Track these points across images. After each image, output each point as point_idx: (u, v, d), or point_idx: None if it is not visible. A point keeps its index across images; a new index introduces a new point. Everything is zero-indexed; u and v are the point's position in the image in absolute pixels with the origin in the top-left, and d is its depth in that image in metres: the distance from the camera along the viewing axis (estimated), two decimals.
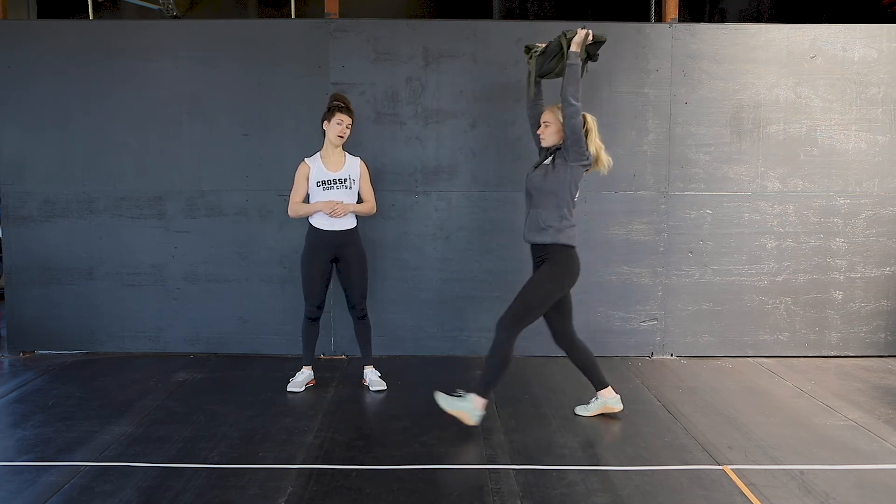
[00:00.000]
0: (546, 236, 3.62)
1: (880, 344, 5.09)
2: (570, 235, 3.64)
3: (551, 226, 3.61)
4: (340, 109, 4.16)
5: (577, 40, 3.58)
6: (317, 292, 4.25)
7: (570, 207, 3.64)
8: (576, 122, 3.51)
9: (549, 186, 3.62)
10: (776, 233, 5.01)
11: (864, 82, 4.93)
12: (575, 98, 3.50)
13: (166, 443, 3.46)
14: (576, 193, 3.65)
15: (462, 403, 3.58)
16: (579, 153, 3.57)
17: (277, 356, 5.01)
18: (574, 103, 3.49)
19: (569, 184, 3.60)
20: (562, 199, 3.61)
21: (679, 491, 2.99)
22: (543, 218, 3.62)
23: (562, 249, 3.62)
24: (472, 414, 3.57)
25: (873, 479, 3.09)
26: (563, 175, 3.60)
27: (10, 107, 4.92)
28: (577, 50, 3.58)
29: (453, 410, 3.58)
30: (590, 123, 3.66)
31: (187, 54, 4.89)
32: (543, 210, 3.63)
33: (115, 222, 4.99)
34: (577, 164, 3.59)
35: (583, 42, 3.59)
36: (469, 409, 3.57)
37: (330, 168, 4.20)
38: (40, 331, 5.07)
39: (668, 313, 5.06)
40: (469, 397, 3.59)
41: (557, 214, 3.61)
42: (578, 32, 3.59)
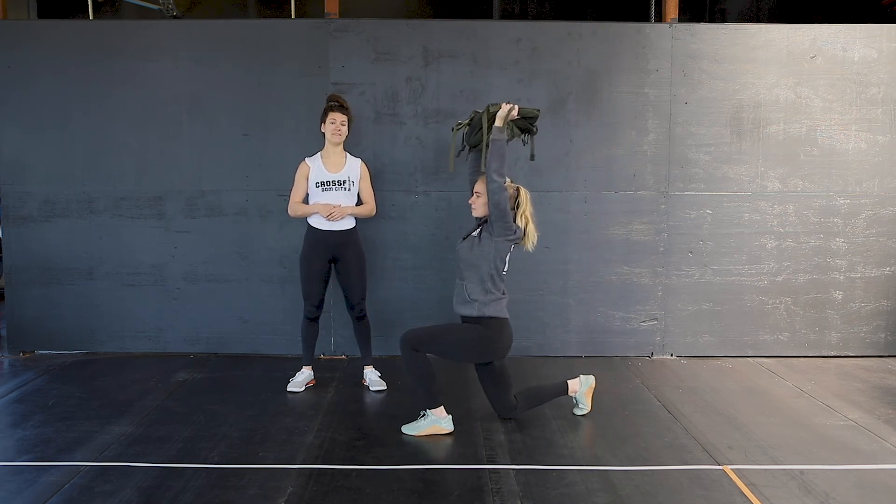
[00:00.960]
0: (472, 309, 3.58)
1: (880, 344, 5.09)
2: (497, 308, 3.58)
3: (476, 299, 3.56)
4: (332, 108, 4.16)
5: (500, 115, 3.52)
6: (315, 292, 4.25)
7: (497, 280, 3.57)
8: (499, 197, 3.45)
9: (473, 259, 3.57)
10: (776, 233, 5.01)
11: (864, 82, 4.93)
12: (498, 174, 3.43)
13: (166, 443, 3.45)
14: (503, 267, 3.59)
15: (426, 421, 3.59)
16: (505, 228, 3.51)
17: (277, 356, 5.01)
18: (496, 179, 3.43)
19: (493, 257, 3.54)
20: (485, 272, 3.55)
21: (679, 491, 2.99)
22: (469, 290, 3.58)
23: (490, 322, 3.57)
24: (442, 423, 3.59)
25: (873, 479, 3.09)
26: (487, 248, 3.54)
27: (10, 107, 4.92)
28: (500, 125, 3.52)
29: (425, 431, 3.57)
30: (522, 197, 3.59)
31: (187, 54, 4.89)
32: (469, 283, 3.59)
33: (115, 222, 4.99)
34: (503, 239, 3.54)
35: (505, 117, 3.53)
36: (436, 421, 3.58)
37: (329, 169, 4.20)
38: (40, 331, 5.07)
39: (668, 313, 5.06)
40: (427, 413, 3.60)
41: (481, 288, 3.55)
42: (502, 107, 3.53)
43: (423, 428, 3.58)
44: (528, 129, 3.79)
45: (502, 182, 3.46)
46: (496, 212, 3.49)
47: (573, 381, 3.84)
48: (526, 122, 3.73)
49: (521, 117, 3.67)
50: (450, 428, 3.61)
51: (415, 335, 3.56)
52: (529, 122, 3.74)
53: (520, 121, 3.70)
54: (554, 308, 5.03)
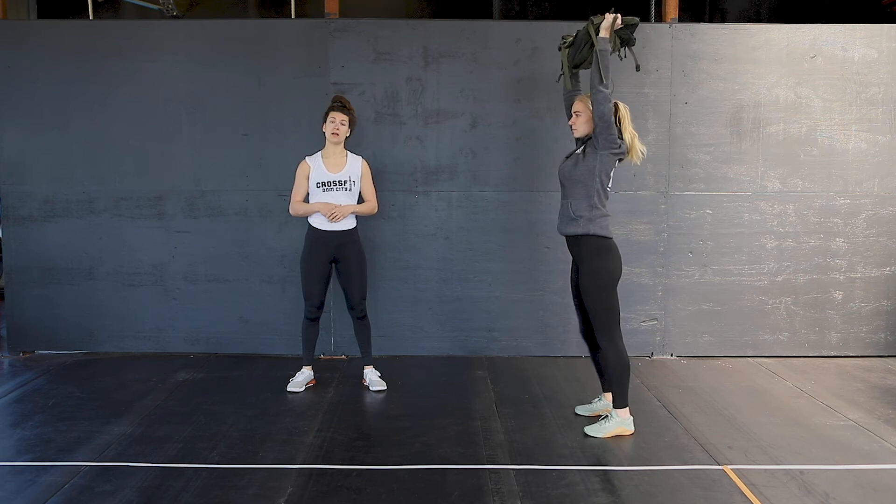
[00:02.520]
0: (577, 227, 3.54)
1: (880, 344, 5.09)
2: (602, 225, 3.52)
3: (581, 216, 3.52)
4: (333, 108, 4.16)
5: (604, 25, 3.50)
6: (316, 292, 4.25)
7: (602, 197, 3.53)
8: (605, 108, 3.43)
9: (578, 175, 3.54)
10: (776, 233, 5.01)
11: (864, 82, 4.93)
12: (604, 85, 3.42)
13: (166, 443, 3.46)
14: (607, 182, 3.55)
15: (612, 423, 3.58)
16: (609, 140, 3.48)
17: (277, 356, 5.01)
18: (602, 90, 3.42)
19: (598, 172, 3.50)
20: (591, 187, 3.51)
21: (679, 491, 2.99)
22: (574, 208, 3.54)
23: (595, 241, 3.52)
24: (626, 425, 3.58)
25: (873, 479, 3.09)
26: (592, 163, 3.51)
27: (10, 107, 4.92)
28: (606, 35, 3.50)
29: (611, 433, 3.56)
30: (622, 111, 3.58)
31: (187, 54, 4.88)
32: (574, 200, 3.55)
33: (115, 222, 4.99)
34: (608, 152, 3.50)
35: (611, 27, 3.51)
36: (621, 423, 3.58)
37: (330, 169, 4.20)
38: (40, 331, 5.07)
39: (668, 313, 5.06)
40: (614, 413, 3.59)
41: (587, 204, 3.52)
42: (606, 17, 3.51)
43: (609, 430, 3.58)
44: (628, 40, 3.72)
45: (608, 92, 3.43)
46: (601, 123, 3.45)
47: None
48: (627, 31, 3.67)
49: (623, 26, 3.62)
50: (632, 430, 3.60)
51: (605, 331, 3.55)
52: (630, 30, 3.68)
53: (621, 30, 3.65)
54: (554, 308, 5.03)
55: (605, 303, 3.55)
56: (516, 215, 4.96)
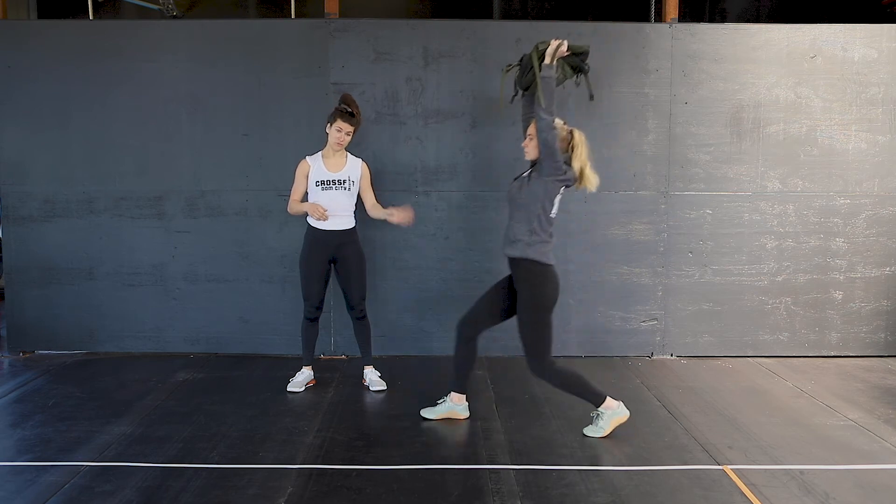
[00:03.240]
0: (515, 250, 3.55)
1: (880, 344, 5.09)
2: (540, 251, 3.51)
3: (520, 239, 3.53)
4: (342, 115, 4.12)
5: (549, 52, 3.51)
6: (315, 292, 4.25)
7: (543, 222, 3.52)
8: (547, 135, 3.42)
9: (521, 199, 3.56)
10: (776, 233, 5.01)
11: (864, 82, 4.93)
12: (547, 112, 3.41)
13: (166, 443, 3.45)
14: (550, 209, 3.54)
15: (605, 419, 3.58)
16: (553, 168, 3.48)
17: (277, 356, 5.01)
18: (545, 117, 3.41)
19: (541, 198, 3.51)
20: (532, 213, 3.51)
21: (679, 491, 2.99)
22: (514, 231, 3.56)
23: (532, 266, 3.52)
24: (618, 414, 3.59)
25: (873, 479, 3.09)
26: (536, 189, 3.51)
27: (10, 107, 4.92)
28: (549, 62, 3.50)
29: (609, 428, 3.56)
30: (576, 139, 3.56)
31: (187, 54, 4.88)
32: (515, 223, 3.57)
33: (115, 222, 4.99)
34: (552, 179, 3.50)
35: (554, 54, 3.51)
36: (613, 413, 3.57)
37: (329, 168, 4.20)
38: (40, 331, 5.07)
39: (668, 313, 5.06)
40: (600, 410, 3.58)
41: (527, 228, 3.52)
42: (550, 44, 3.52)
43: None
44: (580, 68, 3.74)
45: (551, 120, 3.43)
46: (545, 150, 3.45)
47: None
48: (576, 58, 3.70)
49: (570, 53, 3.64)
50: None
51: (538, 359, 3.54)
52: (580, 58, 3.70)
53: (570, 58, 3.67)
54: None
55: (537, 330, 3.53)
56: None
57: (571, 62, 3.72)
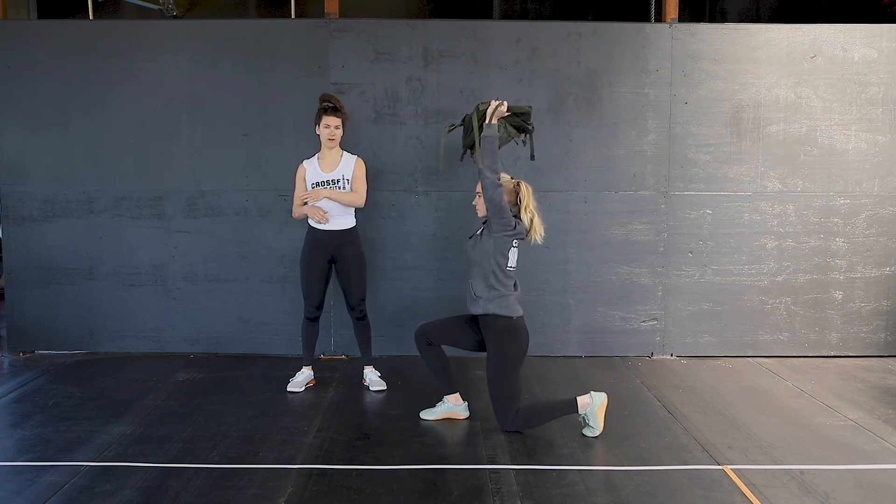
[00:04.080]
0: (477, 307, 3.59)
1: (880, 344, 5.09)
2: (503, 305, 3.54)
3: (480, 296, 3.57)
4: (326, 111, 4.12)
5: (489, 112, 3.54)
6: (315, 292, 4.25)
7: (500, 277, 3.54)
8: (492, 193, 3.46)
9: (475, 257, 3.59)
10: (776, 233, 5.01)
11: (864, 82, 4.93)
12: (491, 170, 3.45)
13: (166, 443, 3.45)
14: (505, 263, 3.55)
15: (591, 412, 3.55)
16: (502, 224, 3.50)
17: (277, 356, 5.01)
18: (488, 176, 3.45)
19: (493, 254, 3.52)
20: (486, 269, 3.54)
21: (679, 491, 2.99)
22: (473, 288, 3.60)
23: (498, 321, 3.55)
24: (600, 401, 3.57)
25: (873, 479, 3.09)
26: (487, 245, 3.54)
27: (10, 107, 4.92)
28: (489, 121, 3.53)
29: (600, 420, 3.56)
30: (523, 191, 3.59)
31: (187, 54, 4.88)
32: (474, 280, 3.61)
33: (115, 222, 4.99)
34: (501, 235, 3.52)
35: (493, 113, 3.54)
36: (596, 405, 3.55)
37: (324, 169, 4.21)
38: (40, 331, 5.07)
39: (668, 313, 5.06)
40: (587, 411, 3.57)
41: (485, 285, 3.55)
42: (490, 104, 3.55)
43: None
44: (524, 128, 3.78)
45: (495, 178, 3.47)
46: (492, 208, 3.50)
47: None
48: (519, 119, 3.72)
49: (511, 114, 3.66)
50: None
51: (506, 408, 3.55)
52: (523, 119, 3.73)
53: (513, 118, 3.70)
54: (554, 308, 5.04)
55: (506, 382, 3.55)
56: None
57: (513, 122, 3.73)
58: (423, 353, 3.75)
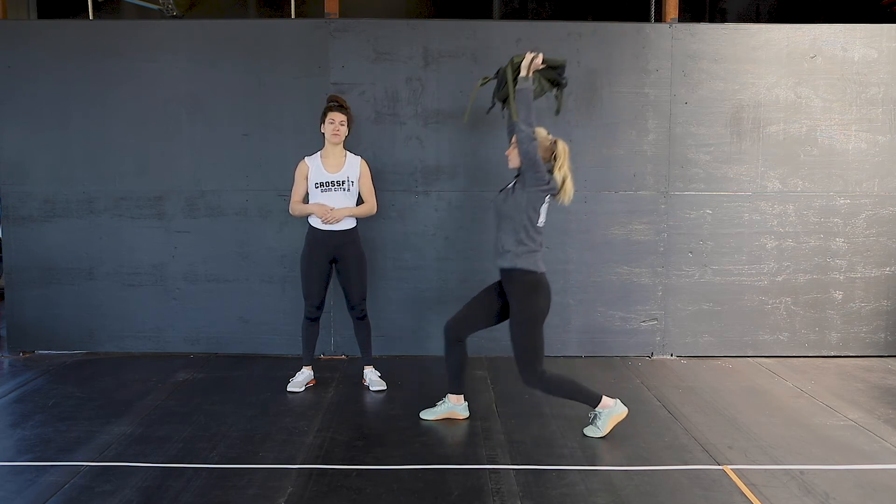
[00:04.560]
0: (504, 261, 3.57)
1: (880, 344, 5.09)
2: (530, 261, 3.52)
3: (509, 250, 3.55)
4: (331, 108, 4.15)
5: (524, 64, 3.53)
6: (316, 292, 4.25)
7: (530, 232, 3.52)
8: (528, 147, 3.44)
9: (507, 210, 3.57)
10: (776, 233, 5.01)
11: (864, 82, 4.93)
12: (526, 123, 3.43)
13: (166, 443, 3.45)
14: (536, 218, 3.55)
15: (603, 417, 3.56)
16: (536, 178, 3.49)
17: (277, 356, 5.01)
18: (524, 129, 3.43)
19: (525, 208, 3.52)
20: (518, 223, 3.53)
21: (679, 491, 2.99)
22: (502, 242, 3.58)
23: (523, 276, 3.53)
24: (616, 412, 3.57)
25: (873, 479, 3.09)
26: (520, 199, 3.53)
27: (10, 107, 4.92)
28: (525, 74, 3.51)
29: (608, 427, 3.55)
30: (559, 150, 3.57)
31: (187, 54, 4.88)
32: (503, 234, 3.59)
33: (115, 222, 4.99)
34: (535, 189, 3.51)
35: (529, 66, 3.53)
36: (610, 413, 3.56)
37: (328, 169, 4.20)
38: (40, 331, 5.07)
39: (668, 313, 5.06)
40: (598, 410, 3.57)
41: (514, 239, 3.54)
42: (525, 56, 3.54)
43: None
44: (558, 82, 3.74)
45: (530, 131, 3.44)
46: (526, 161, 3.47)
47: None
48: (553, 72, 3.69)
49: (546, 66, 3.63)
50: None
51: (529, 369, 3.53)
52: (557, 72, 3.70)
53: (547, 71, 3.67)
54: (554, 308, 4.95)
55: (529, 339, 3.54)
56: None
57: (548, 76, 3.71)
58: (450, 349, 3.72)
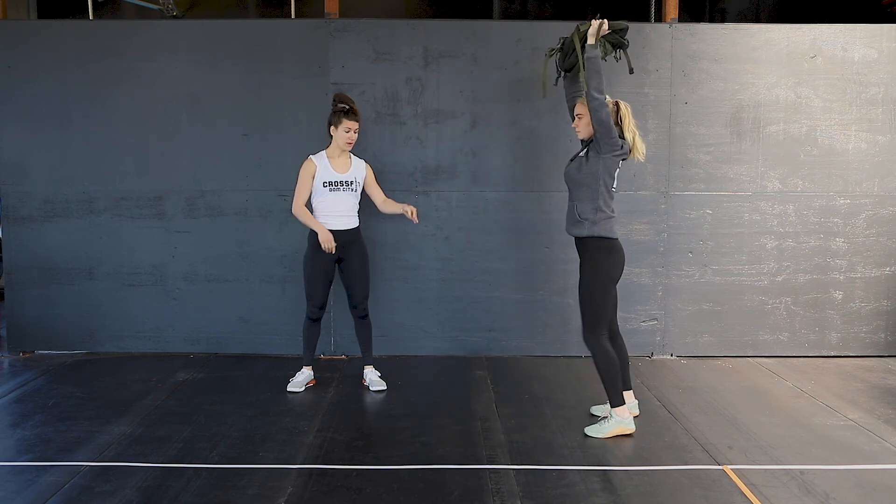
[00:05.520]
0: (582, 229, 3.61)
1: (880, 344, 5.09)
2: (606, 228, 3.60)
3: (587, 218, 3.59)
4: (347, 114, 4.13)
5: (591, 32, 3.54)
6: (319, 293, 4.25)
7: (606, 199, 3.59)
8: (602, 114, 3.47)
9: (582, 178, 3.60)
10: (776, 233, 5.01)
11: (864, 82, 4.93)
12: (598, 91, 3.46)
13: (166, 443, 3.46)
14: (612, 184, 3.61)
15: (612, 423, 3.57)
16: (611, 145, 3.53)
17: (277, 356, 5.01)
18: (597, 97, 3.46)
19: (602, 175, 3.56)
20: (596, 191, 3.57)
21: (679, 491, 2.99)
22: (579, 210, 3.61)
23: (599, 242, 3.60)
24: (625, 423, 3.58)
25: (873, 479, 3.09)
26: (595, 167, 3.56)
27: (10, 107, 4.92)
28: (593, 41, 3.54)
29: (611, 433, 3.56)
30: (623, 110, 3.62)
31: (187, 54, 4.88)
32: (579, 203, 3.62)
33: (115, 222, 4.99)
34: (610, 155, 3.55)
35: (597, 33, 3.55)
36: (621, 422, 3.57)
37: (337, 169, 4.21)
38: (40, 331, 5.07)
39: (668, 313, 5.05)
40: (612, 413, 3.58)
41: (592, 206, 3.58)
42: (592, 24, 3.56)
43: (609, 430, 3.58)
44: (620, 44, 3.76)
45: (603, 99, 3.47)
46: (601, 129, 3.49)
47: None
48: (616, 35, 3.70)
49: (611, 31, 3.65)
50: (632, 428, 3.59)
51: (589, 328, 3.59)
52: (620, 35, 3.71)
53: (611, 35, 3.68)
54: (554, 308, 5.03)
55: (596, 299, 3.61)
56: (516, 215, 4.96)
57: (611, 39, 3.72)
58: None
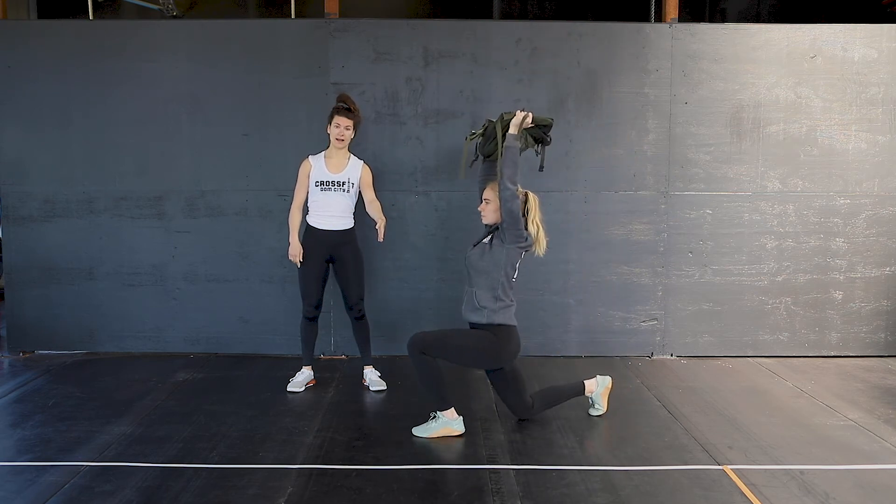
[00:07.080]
0: (481, 317, 3.56)
1: (880, 344, 5.09)
2: (506, 316, 3.56)
3: (485, 307, 3.54)
4: (339, 111, 4.15)
5: (514, 122, 3.53)
6: (313, 292, 4.25)
7: (506, 288, 3.55)
8: (513, 205, 3.44)
9: (484, 266, 3.56)
10: (776, 233, 5.01)
11: (864, 82, 4.93)
12: (512, 181, 3.43)
13: (166, 443, 3.45)
14: (513, 274, 3.57)
15: (439, 423, 3.56)
16: (516, 236, 3.50)
17: (277, 356, 5.01)
18: (510, 187, 3.43)
19: (504, 265, 3.53)
20: (496, 279, 3.53)
21: (679, 491, 2.99)
22: (479, 298, 3.56)
23: (499, 329, 3.55)
24: (453, 426, 3.57)
25: (873, 479, 3.09)
26: (499, 256, 3.53)
27: (10, 107, 4.92)
28: (515, 132, 3.52)
29: (437, 433, 3.55)
30: (531, 202, 3.59)
31: (187, 54, 4.88)
32: (479, 290, 3.57)
33: (115, 222, 4.99)
34: (514, 246, 3.53)
35: (520, 124, 3.53)
36: (448, 423, 3.56)
37: (330, 169, 4.21)
38: (40, 331, 5.07)
39: (668, 313, 5.06)
40: (439, 415, 3.58)
41: (491, 295, 3.54)
42: (516, 115, 3.54)
43: (434, 430, 3.56)
44: (542, 139, 3.76)
45: (514, 189, 3.46)
46: (509, 219, 3.48)
47: (590, 382, 3.84)
48: (539, 130, 3.71)
49: (534, 125, 3.65)
50: (461, 430, 3.58)
51: (423, 338, 3.52)
52: (543, 130, 3.71)
53: (533, 129, 3.68)
54: (554, 308, 5.04)
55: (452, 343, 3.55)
56: None
57: (534, 133, 3.72)
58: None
